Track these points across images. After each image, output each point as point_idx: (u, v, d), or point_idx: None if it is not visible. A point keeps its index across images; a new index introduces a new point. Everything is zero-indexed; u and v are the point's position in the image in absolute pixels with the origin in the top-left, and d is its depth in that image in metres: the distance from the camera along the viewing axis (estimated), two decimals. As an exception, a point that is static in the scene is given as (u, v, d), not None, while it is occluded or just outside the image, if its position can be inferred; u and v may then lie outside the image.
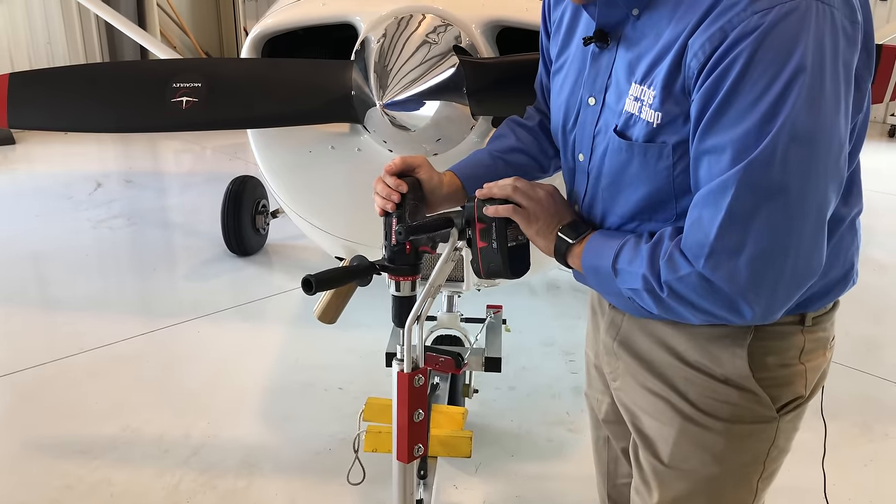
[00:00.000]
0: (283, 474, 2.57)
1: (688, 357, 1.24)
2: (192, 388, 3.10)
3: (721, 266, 0.99)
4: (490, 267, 1.27)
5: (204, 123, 1.90)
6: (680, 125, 1.05)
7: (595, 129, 1.21)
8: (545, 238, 1.22)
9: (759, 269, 0.98)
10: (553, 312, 3.85)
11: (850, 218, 1.18)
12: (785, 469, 1.34)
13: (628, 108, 1.10)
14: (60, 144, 7.35)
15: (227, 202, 4.40)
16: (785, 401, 1.24)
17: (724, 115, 0.97)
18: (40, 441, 2.75)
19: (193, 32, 10.19)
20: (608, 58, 1.17)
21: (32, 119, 2.15)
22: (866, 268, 4.42)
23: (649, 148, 1.09)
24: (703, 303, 1.04)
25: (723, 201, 0.97)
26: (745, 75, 0.94)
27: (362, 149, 2.00)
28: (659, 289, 1.06)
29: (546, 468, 2.60)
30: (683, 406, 1.26)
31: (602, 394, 1.54)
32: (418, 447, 1.37)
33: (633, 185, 1.15)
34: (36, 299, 4.06)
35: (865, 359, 3.37)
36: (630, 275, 1.11)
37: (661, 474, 1.33)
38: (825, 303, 1.23)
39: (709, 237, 0.99)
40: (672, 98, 1.04)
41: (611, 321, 1.37)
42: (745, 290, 0.99)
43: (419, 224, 1.28)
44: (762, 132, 0.94)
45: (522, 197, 1.22)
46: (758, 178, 0.95)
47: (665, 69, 1.03)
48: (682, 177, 1.08)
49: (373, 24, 1.82)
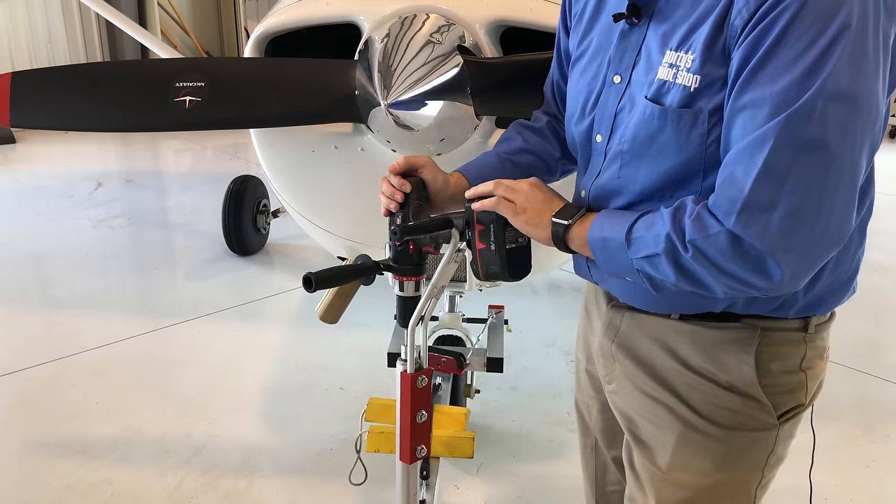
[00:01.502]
0: (285, 475, 2.56)
1: (691, 362, 1.23)
2: (193, 389, 3.10)
3: (753, 222, 0.96)
4: (489, 269, 1.26)
5: (207, 123, 1.90)
6: (717, 89, 1.03)
7: (618, 106, 1.19)
8: (538, 227, 1.19)
9: (791, 225, 0.96)
10: (554, 313, 3.86)
11: (860, 219, 1.17)
12: (780, 472, 1.34)
13: (661, 76, 1.08)
14: (61, 144, 7.35)
15: (228, 202, 4.39)
16: (786, 408, 1.24)
17: (764, 69, 0.96)
18: (41, 441, 2.75)
19: (194, 32, 10.19)
20: (638, 35, 1.15)
21: (34, 118, 2.15)
22: (868, 269, 4.39)
23: (684, 114, 1.06)
24: (730, 265, 1.00)
25: (759, 155, 0.95)
26: (790, 30, 0.93)
27: (366, 149, 1.99)
28: (683, 249, 1.02)
29: (547, 468, 2.60)
30: (685, 412, 1.24)
31: (592, 399, 1.51)
32: (421, 448, 1.36)
33: (661, 157, 1.12)
34: (36, 299, 4.06)
35: (867, 360, 3.37)
36: (649, 240, 1.06)
37: (658, 481, 1.31)
38: (830, 306, 1.23)
39: (742, 192, 0.97)
40: (713, 59, 1.02)
41: (609, 322, 1.35)
42: (775, 247, 0.97)
43: (415, 224, 1.28)
44: (803, 87, 0.93)
45: (505, 190, 1.20)
46: (797, 133, 0.94)
47: (707, 31, 1.02)
48: (713, 147, 1.06)
49: (377, 24, 1.82)
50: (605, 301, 1.37)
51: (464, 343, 2.46)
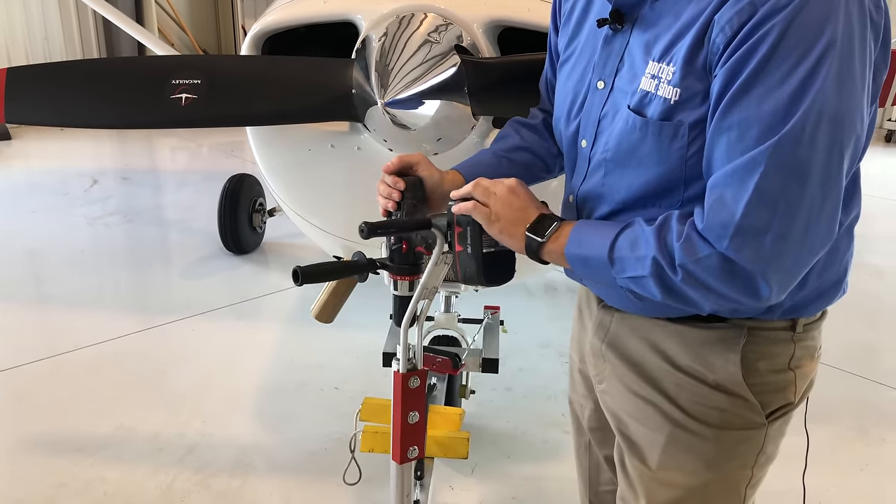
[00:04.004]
0: (279, 474, 2.56)
1: (679, 361, 1.23)
2: (187, 387, 3.09)
3: (746, 245, 0.97)
4: (466, 272, 1.23)
5: (203, 120, 1.89)
6: (698, 103, 1.03)
7: (601, 112, 1.19)
8: (512, 238, 1.16)
9: (783, 247, 0.96)
10: (550, 314, 3.85)
11: (849, 223, 1.17)
12: (771, 474, 1.33)
13: (644, 87, 1.08)
14: (56, 140, 7.33)
15: (223, 200, 4.39)
16: (774, 407, 1.24)
17: (750, 91, 0.95)
18: (34, 438, 2.74)
19: (191, 29, 10.17)
20: (621, 41, 1.15)
21: (29, 114, 2.14)
22: (863, 273, 4.43)
23: (664, 126, 1.06)
24: (720, 286, 1.01)
25: (750, 180, 0.95)
26: (776, 52, 0.93)
27: (362, 147, 1.99)
28: (672, 272, 1.02)
29: (542, 469, 2.60)
30: (673, 411, 1.25)
31: (585, 398, 1.51)
32: (413, 449, 1.36)
33: (642, 168, 1.12)
34: (31, 296, 4.04)
35: (862, 363, 3.38)
36: (634, 261, 1.06)
37: (648, 481, 1.31)
38: (818, 308, 1.23)
39: (735, 216, 0.96)
40: (693, 73, 1.02)
41: (599, 322, 1.35)
42: (766, 268, 0.97)
43: (384, 222, 1.26)
44: (791, 110, 0.93)
45: (482, 193, 1.17)
46: (787, 157, 0.94)
47: (687, 45, 1.02)
48: (694, 159, 1.06)
49: (374, 23, 1.81)
50: (596, 301, 1.37)
51: (459, 343, 2.46)
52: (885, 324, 3.88)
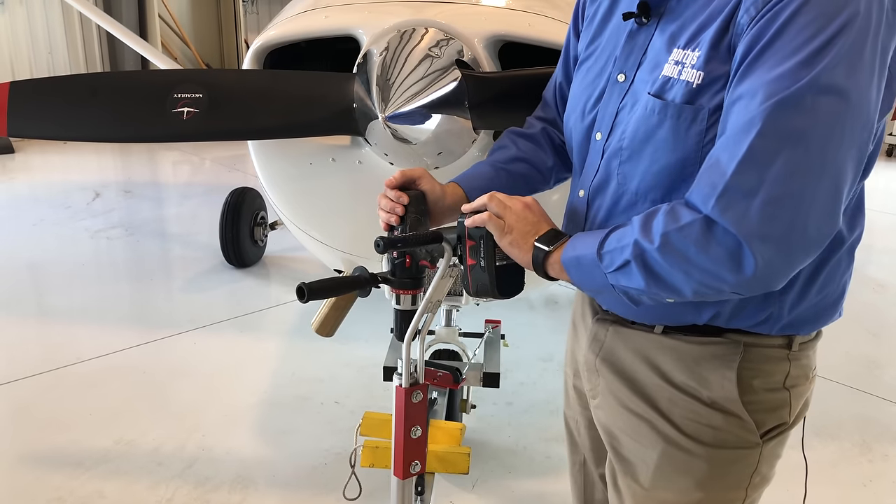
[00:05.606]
0: (279, 489, 2.55)
1: (673, 377, 1.22)
2: (187, 401, 3.08)
3: (732, 206, 0.96)
4: (478, 286, 1.24)
5: (205, 134, 1.90)
6: (719, 88, 1.03)
7: (620, 104, 1.19)
8: (520, 249, 1.18)
9: (770, 214, 0.95)
10: (551, 327, 3.84)
11: (850, 242, 1.17)
12: (770, 494, 1.32)
13: (666, 73, 1.09)
14: (59, 154, 7.35)
15: (225, 213, 4.39)
16: (769, 426, 1.23)
17: (763, 59, 0.96)
18: (34, 451, 2.73)
19: (195, 44, 10.22)
20: (645, 34, 1.16)
21: (32, 128, 2.14)
22: (866, 287, 4.42)
23: (684, 110, 1.06)
24: (702, 257, 0.99)
25: (745, 140, 0.95)
26: (791, 23, 0.94)
27: (363, 161, 1.99)
28: (650, 244, 1.02)
29: (544, 485, 2.58)
30: (666, 428, 1.24)
31: (580, 415, 1.50)
32: (415, 464, 1.35)
33: (657, 154, 1.11)
34: (32, 309, 4.04)
35: (865, 378, 3.37)
36: (618, 251, 1.06)
37: (640, 499, 1.30)
38: (815, 327, 1.22)
39: (725, 175, 0.96)
40: (717, 57, 1.03)
41: (594, 336, 1.34)
42: (752, 234, 0.95)
43: (399, 237, 1.26)
44: (797, 76, 0.93)
45: (498, 206, 1.19)
46: (784, 120, 0.94)
47: (714, 29, 1.03)
48: (710, 147, 1.04)
49: (376, 38, 1.82)
50: (591, 314, 1.36)
51: (460, 358, 2.45)
52: (887, 338, 3.86)
